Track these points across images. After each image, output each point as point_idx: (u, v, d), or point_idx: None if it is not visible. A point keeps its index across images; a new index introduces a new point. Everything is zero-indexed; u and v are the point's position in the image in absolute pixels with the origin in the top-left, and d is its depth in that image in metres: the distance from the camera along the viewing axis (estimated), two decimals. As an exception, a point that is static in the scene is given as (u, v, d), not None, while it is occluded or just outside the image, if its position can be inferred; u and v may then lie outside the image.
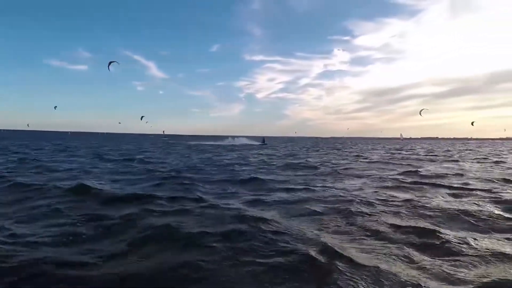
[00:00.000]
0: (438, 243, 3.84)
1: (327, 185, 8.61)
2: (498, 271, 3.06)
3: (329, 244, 3.58)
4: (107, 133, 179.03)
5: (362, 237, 4.17)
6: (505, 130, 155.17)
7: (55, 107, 46.71)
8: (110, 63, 23.03)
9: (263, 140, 47.99)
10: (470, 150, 35.88)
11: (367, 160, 18.25)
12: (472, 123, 34.95)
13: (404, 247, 3.69)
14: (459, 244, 3.77)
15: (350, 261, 3.16)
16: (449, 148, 40.43)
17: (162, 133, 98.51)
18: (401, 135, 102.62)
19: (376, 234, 4.22)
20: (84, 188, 6.85)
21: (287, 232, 4.11)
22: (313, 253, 3.32)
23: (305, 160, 17.24)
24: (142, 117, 51.20)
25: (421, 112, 30.11)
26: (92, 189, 6.76)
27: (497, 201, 6.37)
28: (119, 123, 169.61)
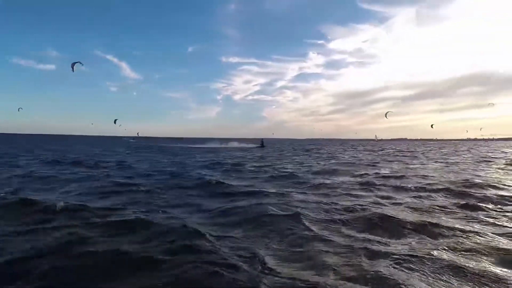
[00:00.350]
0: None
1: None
2: None
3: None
4: (80, 135, 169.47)
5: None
6: (467, 131, 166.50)
7: (19, 108, 43.29)
8: (73, 64, 21.66)
9: (262, 142, 46.20)
10: (434, 150, 38.02)
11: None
12: (431, 126, 37.18)
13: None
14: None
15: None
16: (416, 149, 42.57)
17: (137, 135, 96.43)
18: (376, 136, 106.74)
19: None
20: None
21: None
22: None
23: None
24: (115, 120, 49.24)
25: (387, 115, 31.45)
26: None
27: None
28: (92, 124, 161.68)
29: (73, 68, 22.68)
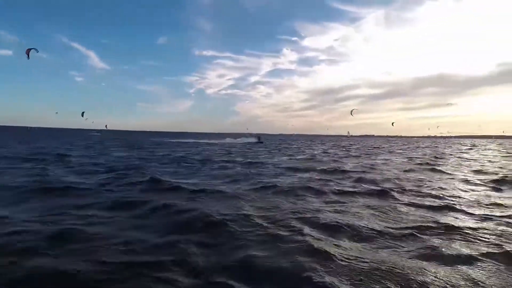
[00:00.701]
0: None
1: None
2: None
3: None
4: (38, 127, 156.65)
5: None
6: (429, 129, 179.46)
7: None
8: (28, 50, 20.12)
9: (259, 138, 44.59)
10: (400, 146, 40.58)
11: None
12: (392, 124, 39.69)
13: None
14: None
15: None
16: (382, 145, 45.21)
17: (105, 127, 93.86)
18: (348, 132, 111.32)
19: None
20: None
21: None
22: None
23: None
24: (83, 113, 46.77)
25: (352, 112, 32.99)
26: None
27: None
28: (56, 113, 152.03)
29: (28, 55, 21.10)
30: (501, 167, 13.65)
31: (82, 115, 48.23)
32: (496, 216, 5.23)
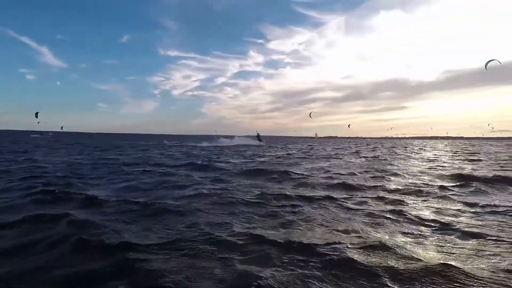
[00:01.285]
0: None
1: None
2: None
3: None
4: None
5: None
6: (388, 129, 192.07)
7: None
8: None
9: (258, 136, 41.83)
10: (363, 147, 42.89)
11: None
12: (348, 126, 41.78)
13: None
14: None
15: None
16: (350, 146, 47.52)
17: (61, 129, 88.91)
18: (316, 134, 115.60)
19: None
20: None
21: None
22: None
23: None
24: (36, 113, 43.36)
25: (311, 115, 34.18)
26: None
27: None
28: (1, 113, 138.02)
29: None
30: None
31: (36, 116, 44.88)
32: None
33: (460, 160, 19.22)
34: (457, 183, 8.82)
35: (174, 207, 5.37)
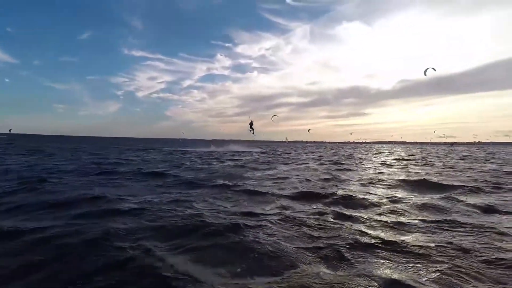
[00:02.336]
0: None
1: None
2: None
3: None
4: None
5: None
6: (350, 134, 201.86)
7: None
8: None
9: (251, 125, 37.32)
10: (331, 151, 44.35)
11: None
12: (308, 130, 43.22)
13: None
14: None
15: None
16: (312, 150, 48.87)
17: (9, 131, 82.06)
18: (286, 138, 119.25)
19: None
20: None
21: None
22: None
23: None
24: None
25: (273, 119, 34.68)
26: None
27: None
28: None
29: None
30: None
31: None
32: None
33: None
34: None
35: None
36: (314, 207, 6.46)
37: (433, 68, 19.30)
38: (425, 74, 20.12)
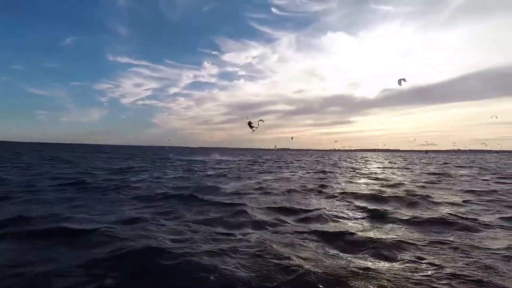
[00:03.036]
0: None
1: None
2: None
3: None
4: None
5: None
6: (335, 142, 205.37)
7: None
8: None
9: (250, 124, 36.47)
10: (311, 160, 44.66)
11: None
12: (292, 138, 43.73)
13: None
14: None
15: None
16: (299, 158, 49.12)
17: None
18: (275, 146, 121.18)
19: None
20: None
21: None
22: None
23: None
24: None
25: (258, 122, 34.61)
26: None
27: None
28: None
29: None
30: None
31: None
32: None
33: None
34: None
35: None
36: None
37: (403, 79, 20.11)
38: (399, 84, 20.85)
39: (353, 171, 21.57)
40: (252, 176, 16.24)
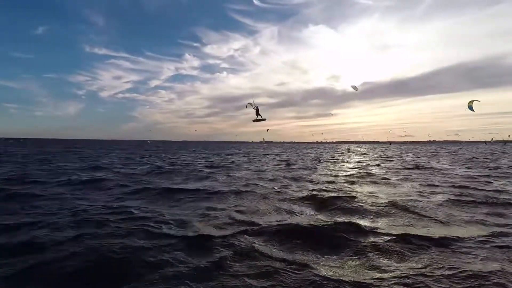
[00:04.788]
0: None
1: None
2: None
3: None
4: None
5: None
6: (314, 134, 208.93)
7: None
8: None
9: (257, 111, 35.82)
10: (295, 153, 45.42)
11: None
12: (267, 130, 42.91)
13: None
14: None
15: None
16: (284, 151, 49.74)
17: None
18: (263, 139, 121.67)
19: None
20: None
21: None
22: None
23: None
24: None
25: (247, 106, 34.30)
26: None
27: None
28: None
29: None
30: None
31: None
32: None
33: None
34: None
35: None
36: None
37: (355, 87, 21.77)
38: (355, 89, 22.44)
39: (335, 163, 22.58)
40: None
